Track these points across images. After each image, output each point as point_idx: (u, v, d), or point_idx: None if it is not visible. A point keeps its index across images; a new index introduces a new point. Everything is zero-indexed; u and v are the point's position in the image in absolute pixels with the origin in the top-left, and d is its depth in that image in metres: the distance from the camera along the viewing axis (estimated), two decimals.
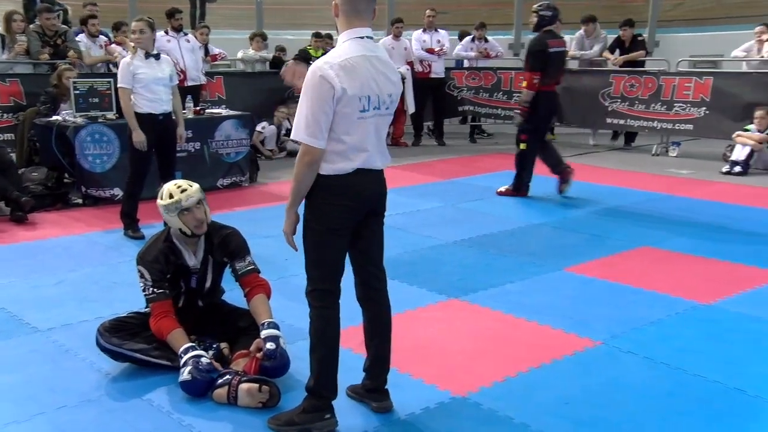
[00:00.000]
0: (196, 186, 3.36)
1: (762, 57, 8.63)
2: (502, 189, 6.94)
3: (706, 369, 3.30)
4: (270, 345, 3.13)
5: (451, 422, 2.88)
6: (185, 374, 3.05)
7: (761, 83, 8.34)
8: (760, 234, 5.53)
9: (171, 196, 3.28)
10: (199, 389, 3.04)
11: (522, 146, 6.77)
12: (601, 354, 3.48)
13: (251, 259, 3.44)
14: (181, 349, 3.13)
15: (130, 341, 3.26)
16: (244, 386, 2.97)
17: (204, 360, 3.09)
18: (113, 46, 8.49)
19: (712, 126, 8.65)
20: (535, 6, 6.70)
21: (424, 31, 10.10)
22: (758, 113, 7.96)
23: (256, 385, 2.96)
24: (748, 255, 4.97)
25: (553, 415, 2.91)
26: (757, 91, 8.29)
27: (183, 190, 3.29)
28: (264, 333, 3.19)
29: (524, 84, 6.75)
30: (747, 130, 8.06)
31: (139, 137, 5.29)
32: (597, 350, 3.52)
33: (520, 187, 6.87)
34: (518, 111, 6.86)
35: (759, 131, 7.97)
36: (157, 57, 5.38)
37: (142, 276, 3.28)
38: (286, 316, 3.61)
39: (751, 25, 9.16)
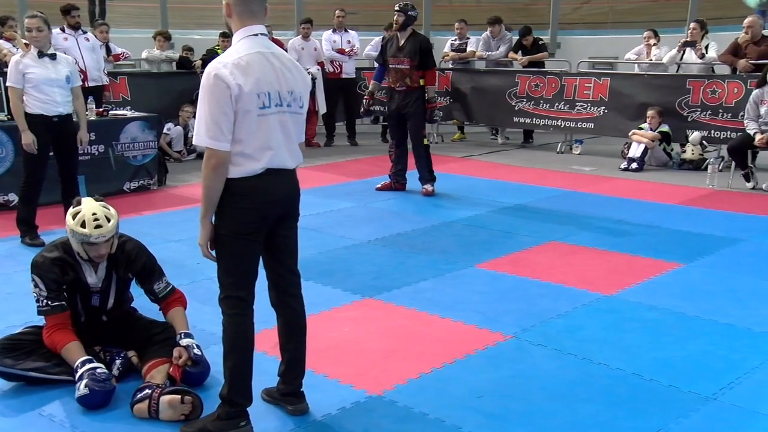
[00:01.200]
0: (113, 223, 3.09)
1: (650, 60, 9.15)
2: (428, 188, 6.99)
3: (609, 357, 3.46)
4: (197, 351, 3.13)
5: (367, 421, 2.90)
6: (82, 388, 2.91)
7: (652, 85, 8.84)
8: (655, 227, 5.86)
9: (83, 225, 3.02)
10: (98, 401, 2.93)
11: (425, 141, 6.93)
12: (512, 347, 3.59)
13: (167, 279, 3.33)
14: (77, 363, 2.99)
15: (25, 360, 3.06)
16: (165, 398, 2.84)
17: (100, 370, 2.97)
18: (0, 42, 7.99)
19: (610, 125, 9.09)
20: (400, 5, 6.82)
21: (334, 31, 10.09)
22: (650, 113, 8.46)
23: (178, 397, 2.84)
24: (644, 247, 5.25)
25: (467, 409, 2.98)
26: (649, 92, 8.78)
27: (98, 226, 3.02)
28: (185, 341, 3.16)
29: (423, 81, 6.81)
30: (641, 129, 8.54)
31: (27, 139, 5.06)
32: (508, 344, 3.63)
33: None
34: (434, 108, 7.08)
35: (651, 130, 8.46)
36: (53, 57, 5.14)
37: (36, 285, 3.08)
38: (198, 320, 3.52)
39: (641, 30, 9.69)
